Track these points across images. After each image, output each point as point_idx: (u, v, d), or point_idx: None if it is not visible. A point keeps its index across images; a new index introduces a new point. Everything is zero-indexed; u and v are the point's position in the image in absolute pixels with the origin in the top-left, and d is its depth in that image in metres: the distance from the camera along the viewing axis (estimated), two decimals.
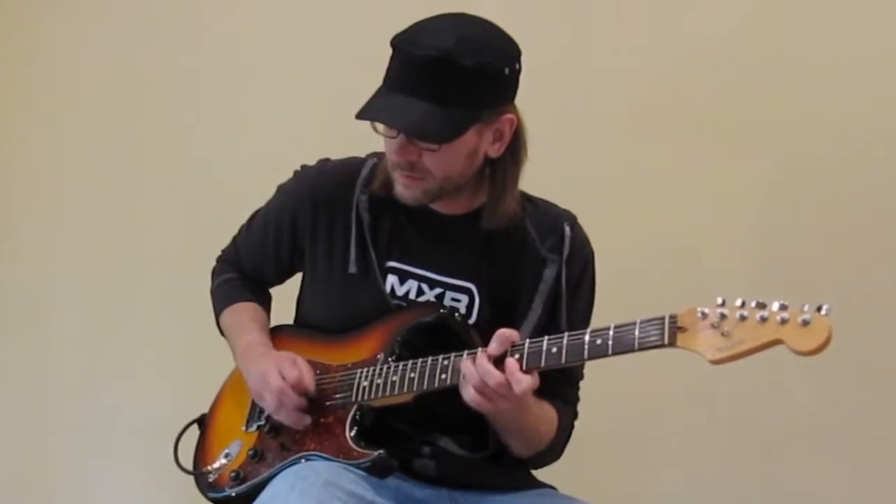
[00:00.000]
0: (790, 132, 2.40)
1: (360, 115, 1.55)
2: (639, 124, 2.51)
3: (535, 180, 1.75)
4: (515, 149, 1.65)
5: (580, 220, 1.74)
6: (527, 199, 1.73)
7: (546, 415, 1.64)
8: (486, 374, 1.45)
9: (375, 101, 1.57)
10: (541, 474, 1.75)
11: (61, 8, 3.14)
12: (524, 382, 1.44)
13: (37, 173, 3.15)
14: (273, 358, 1.67)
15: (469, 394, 1.48)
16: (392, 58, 1.57)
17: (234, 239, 1.91)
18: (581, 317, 1.71)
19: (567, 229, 1.69)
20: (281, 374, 1.61)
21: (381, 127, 1.58)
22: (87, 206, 3.06)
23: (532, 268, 1.67)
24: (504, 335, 1.49)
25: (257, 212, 1.87)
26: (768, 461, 2.37)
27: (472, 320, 1.66)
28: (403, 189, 1.63)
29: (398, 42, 1.56)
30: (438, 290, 1.68)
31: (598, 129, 2.54)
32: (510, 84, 1.60)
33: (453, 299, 1.68)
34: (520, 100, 1.64)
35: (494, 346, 1.48)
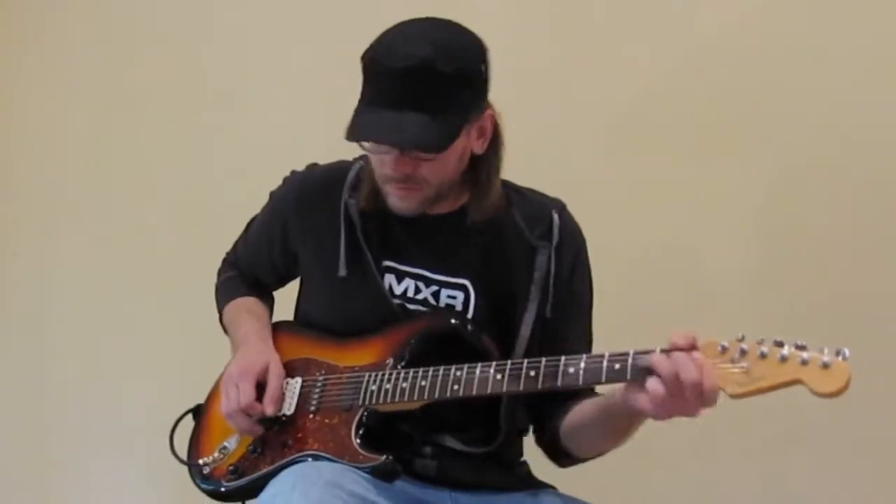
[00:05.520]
0: (790, 132, 2.40)
1: (354, 137, 1.54)
2: (639, 124, 2.51)
3: (535, 181, 1.76)
4: (495, 141, 1.67)
5: (581, 221, 1.74)
6: (514, 189, 1.74)
7: None
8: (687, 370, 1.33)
9: (363, 119, 1.55)
10: (541, 474, 1.75)
11: (61, 8, 3.14)
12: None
13: (37, 173, 3.15)
14: (242, 363, 1.66)
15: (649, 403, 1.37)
16: (368, 74, 1.56)
17: (235, 244, 1.94)
18: (578, 308, 1.71)
19: (555, 216, 1.69)
20: (237, 394, 1.61)
21: (367, 143, 1.58)
22: (88, 207, 3.06)
23: (524, 257, 1.68)
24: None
25: (254, 218, 1.89)
26: (769, 461, 2.37)
27: (469, 315, 1.66)
28: (399, 201, 1.63)
29: (373, 57, 1.54)
30: (434, 288, 1.68)
31: (597, 129, 2.54)
32: (486, 81, 1.61)
33: (449, 296, 1.68)
34: (521, 101, 1.64)
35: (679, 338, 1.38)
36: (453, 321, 1.64)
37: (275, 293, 1.93)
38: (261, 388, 1.64)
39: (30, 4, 3.19)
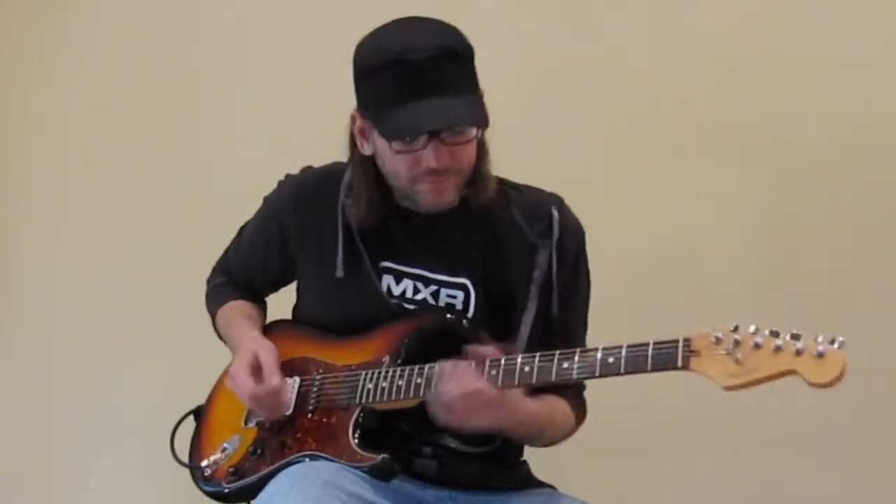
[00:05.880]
0: (790, 132, 2.40)
1: (410, 131, 1.53)
2: (639, 125, 2.51)
3: (535, 182, 1.75)
4: None
5: (582, 222, 1.73)
6: (511, 187, 1.73)
7: (552, 407, 1.63)
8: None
9: (407, 114, 1.51)
10: (541, 474, 1.75)
11: (61, 8, 3.14)
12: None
13: (37, 173, 3.15)
14: (234, 367, 1.66)
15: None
16: (387, 74, 1.52)
17: (226, 251, 1.93)
18: (577, 302, 1.71)
19: (555, 213, 1.68)
20: (242, 392, 1.62)
21: (398, 145, 1.56)
22: (88, 207, 3.06)
23: (524, 256, 1.67)
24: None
25: (246, 224, 1.88)
26: (769, 461, 2.36)
27: (469, 315, 1.66)
28: (435, 196, 1.61)
29: (391, 58, 1.52)
30: (433, 288, 1.68)
31: (597, 129, 2.54)
32: None
33: (449, 296, 1.67)
34: (521, 102, 1.64)
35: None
36: (449, 317, 1.64)
37: (274, 295, 1.93)
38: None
39: (30, 4, 3.18)
